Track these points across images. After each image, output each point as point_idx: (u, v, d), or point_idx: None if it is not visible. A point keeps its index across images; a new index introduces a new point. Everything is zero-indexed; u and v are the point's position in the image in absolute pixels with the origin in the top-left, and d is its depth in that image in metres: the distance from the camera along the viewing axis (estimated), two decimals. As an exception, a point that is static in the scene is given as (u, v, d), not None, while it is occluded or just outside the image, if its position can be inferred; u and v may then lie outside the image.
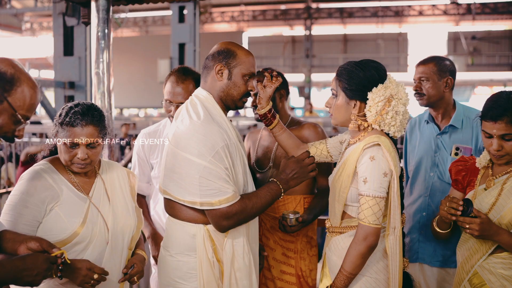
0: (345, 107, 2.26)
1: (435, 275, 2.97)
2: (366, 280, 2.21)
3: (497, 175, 2.31)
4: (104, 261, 2.20)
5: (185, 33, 10.09)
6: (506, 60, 24.74)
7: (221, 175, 2.13)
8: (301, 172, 2.28)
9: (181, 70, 2.87)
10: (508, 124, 2.16)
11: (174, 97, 2.79)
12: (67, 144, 2.14)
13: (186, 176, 2.17)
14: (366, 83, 2.20)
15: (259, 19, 24.05)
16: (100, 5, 3.42)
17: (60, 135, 2.16)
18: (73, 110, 2.16)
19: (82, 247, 2.16)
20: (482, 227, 2.13)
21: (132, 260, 2.32)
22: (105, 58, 3.47)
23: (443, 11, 22.47)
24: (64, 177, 2.23)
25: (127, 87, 19.34)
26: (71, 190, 2.21)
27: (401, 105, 2.19)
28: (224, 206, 2.14)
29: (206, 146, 2.13)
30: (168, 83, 2.84)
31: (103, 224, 2.23)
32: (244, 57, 2.30)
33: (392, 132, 2.22)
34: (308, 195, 2.94)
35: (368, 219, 2.12)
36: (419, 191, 3.01)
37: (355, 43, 25.78)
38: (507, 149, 2.21)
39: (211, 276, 2.23)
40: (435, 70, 2.89)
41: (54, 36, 6.78)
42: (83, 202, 2.22)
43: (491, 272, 2.21)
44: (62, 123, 2.16)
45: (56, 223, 2.12)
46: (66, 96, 6.99)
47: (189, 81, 2.81)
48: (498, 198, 2.24)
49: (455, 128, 2.94)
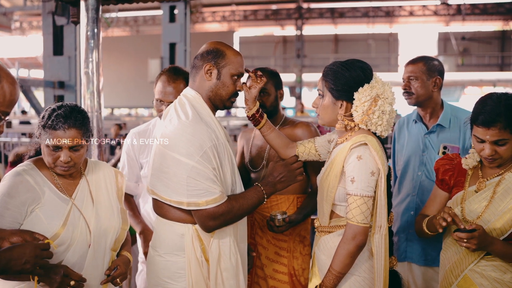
0: (332, 107, 2.26)
1: (423, 274, 2.99)
2: (355, 279, 2.22)
3: (488, 177, 2.27)
4: (86, 263, 2.19)
5: (176, 32, 10.07)
6: (495, 61, 24.90)
7: (208, 175, 2.14)
8: (288, 176, 2.31)
9: (172, 69, 2.88)
10: (502, 130, 2.11)
11: (165, 96, 2.80)
12: (50, 147, 2.13)
13: (173, 176, 2.17)
14: (352, 83, 2.20)
15: (250, 19, 24.04)
16: (89, 4, 3.41)
17: (43, 137, 2.15)
18: (55, 113, 2.14)
19: (63, 249, 2.14)
20: (479, 241, 2.08)
21: (116, 261, 2.31)
22: (95, 58, 3.47)
23: (434, 11, 22.58)
24: (47, 178, 2.21)
25: (118, 87, 19.25)
26: (53, 191, 2.19)
27: (387, 104, 2.20)
28: (211, 206, 2.15)
29: (194, 146, 2.13)
30: (159, 83, 2.85)
31: (85, 226, 2.21)
32: (233, 57, 2.30)
33: (379, 131, 2.22)
34: (301, 194, 2.95)
35: (356, 218, 2.12)
36: (407, 190, 3.03)
37: (346, 43, 25.84)
38: (501, 153, 2.17)
39: (200, 276, 2.23)
40: (424, 69, 2.91)
41: (44, 36, 6.74)
42: (65, 204, 2.20)
43: (483, 276, 2.18)
44: (45, 126, 2.14)
45: (37, 225, 2.10)
46: (56, 95, 6.95)
47: (180, 81, 2.82)
48: (491, 201, 2.21)
49: (443, 127, 2.96)
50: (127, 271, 2.36)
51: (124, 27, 24.82)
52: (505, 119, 2.10)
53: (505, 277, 2.15)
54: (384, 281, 2.19)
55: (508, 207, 2.16)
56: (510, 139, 2.13)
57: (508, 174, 2.22)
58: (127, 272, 2.36)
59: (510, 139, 2.13)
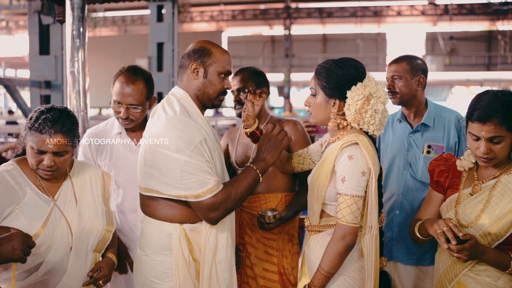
0: (325, 105, 2.25)
1: (409, 273, 3.00)
2: (344, 279, 2.21)
3: (484, 180, 2.19)
4: (69, 264, 2.17)
5: (164, 32, 10.02)
6: (482, 60, 25.12)
7: (202, 167, 2.13)
8: (273, 144, 2.30)
9: (130, 69, 2.78)
10: (498, 126, 2.03)
11: (124, 98, 2.70)
12: (35, 150, 2.10)
13: (167, 171, 2.15)
14: (345, 81, 2.19)
15: (239, 19, 24.04)
16: (75, 3, 3.39)
17: (28, 138, 2.12)
18: (43, 116, 2.11)
19: (43, 250, 2.12)
20: (470, 252, 2.01)
21: (99, 263, 2.29)
22: (80, 57, 3.44)
23: (421, 11, 22.73)
24: (30, 178, 2.18)
25: (106, 87, 19.01)
26: (35, 192, 2.17)
27: (380, 103, 2.19)
28: (209, 197, 2.13)
29: (184, 141, 2.12)
30: (117, 83, 2.73)
31: (66, 227, 2.19)
32: (220, 55, 2.30)
33: (371, 130, 2.21)
34: (289, 192, 2.95)
35: (346, 218, 2.11)
36: (392, 190, 3.03)
37: (334, 43, 25.92)
38: (496, 152, 2.08)
39: (187, 276, 2.22)
40: (407, 68, 2.92)
41: (30, 35, 6.66)
42: (47, 204, 2.17)
43: (477, 281, 2.13)
44: (31, 127, 2.11)
45: (16, 225, 2.06)
46: (42, 95, 6.88)
47: (139, 82, 2.72)
48: (487, 205, 2.12)
49: (427, 126, 2.97)
50: (111, 273, 2.33)
51: (112, 27, 24.72)
52: (501, 115, 2.03)
53: (499, 282, 2.10)
54: (375, 282, 2.17)
55: (504, 212, 2.07)
56: (506, 136, 2.06)
57: (504, 177, 2.14)
58: (111, 274, 2.33)
59: (506, 136, 2.06)
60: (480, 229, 2.11)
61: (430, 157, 2.87)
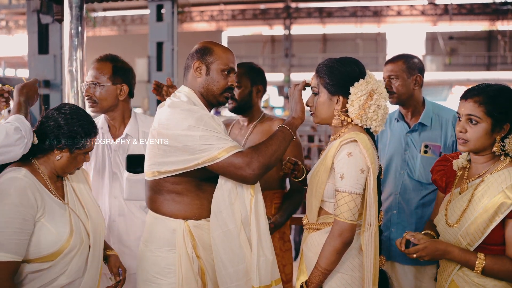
0: (328, 103, 2.25)
1: (406, 273, 2.99)
2: (341, 276, 2.20)
3: (471, 178, 2.19)
4: (89, 265, 2.19)
5: (163, 31, 10.03)
6: (482, 60, 25.14)
7: (218, 135, 2.15)
8: (291, 101, 2.34)
9: (103, 55, 2.82)
10: (476, 104, 2.05)
11: (89, 77, 2.76)
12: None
13: (183, 147, 2.16)
14: (347, 78, 2.20)
15: (239, 19, 24.06)
16: (73, 2, 3.37)
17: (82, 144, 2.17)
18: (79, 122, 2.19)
19: (72, 256, 2.11)
20: (427, 252, 2.08)
21: (116, 264, 2.36)
22: (79, 56, 3.43)
23: (421, 11, 22.74)
24: (42, 183, 2.11)
25: (105, 86, 19.06)
26: (50, 198, 2.11)
27: (382, 99, 2.20)
28: (226, 156, 2.12)
29: (194, 118, 2.16)
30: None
31: (84, 229, 2.19)
32: (221, 53, 2.33)
33: (374, 126, 2.21)
34: (277, 190, 2.96)
35: (343, 215, 2.11)
36: (389, 189, 3.02)
37: (334, 43, 25.94)
38: (470, 134, 2.08)
39: (190, 272, 2.23)
40: (404, 68, 2.92)
41: (29, 34, 6.66)
42: (63, 209, 2.14)
43: (465, 281, 2.14)
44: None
45: (46, 236, 2.03)
46: (41, 94, 6.89)
47: (105, 63, 2.75)
48: (469, 204, 2.12)
49: (425, 126, 2.96)
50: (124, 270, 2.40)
51: (111, 26, 24.74)
52: (485, 97, 2.05)
53: (487, 283, 2.10)
54: (374, 280, 2.17)
55: (480, 211, 2.06)
56: (483, 119, 2.05)
57: (487, 176, 2.12)
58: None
59: (483, 119, 2.05)
60: (462, 228, 2.12)
61: (427, 157, 2.87)
